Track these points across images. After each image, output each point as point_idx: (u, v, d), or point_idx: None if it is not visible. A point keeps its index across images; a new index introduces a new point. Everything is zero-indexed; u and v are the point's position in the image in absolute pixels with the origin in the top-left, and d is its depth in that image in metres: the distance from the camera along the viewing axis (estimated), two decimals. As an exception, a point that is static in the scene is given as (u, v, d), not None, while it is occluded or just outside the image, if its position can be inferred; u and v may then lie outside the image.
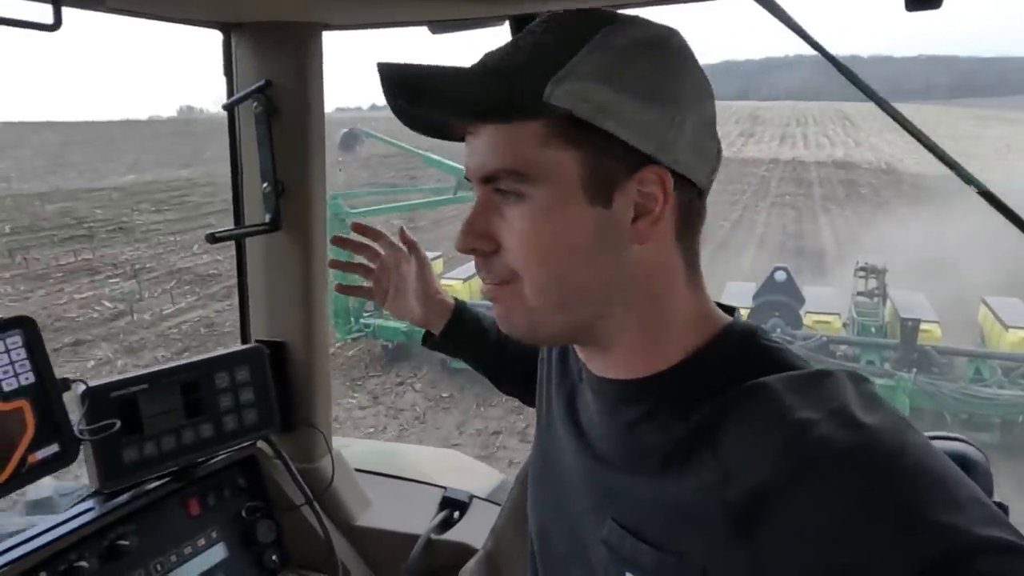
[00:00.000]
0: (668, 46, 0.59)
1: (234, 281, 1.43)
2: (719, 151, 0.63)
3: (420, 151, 8.25)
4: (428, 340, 1.06)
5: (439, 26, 1.29)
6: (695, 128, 0.59)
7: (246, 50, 1.25)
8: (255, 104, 1.22)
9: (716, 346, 0.61)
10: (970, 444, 0.77)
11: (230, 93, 1.28)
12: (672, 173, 0.58)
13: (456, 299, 1.04)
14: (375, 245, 1.05)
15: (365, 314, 7.92)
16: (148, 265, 12.89)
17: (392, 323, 7.80)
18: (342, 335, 7.92)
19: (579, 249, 0.58)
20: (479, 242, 0.62)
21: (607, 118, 0.55)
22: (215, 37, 1.27)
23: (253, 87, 1.21)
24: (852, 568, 0.46)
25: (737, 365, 0.59)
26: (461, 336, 1.03)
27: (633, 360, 0.63)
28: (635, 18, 0.60)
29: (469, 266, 9.05)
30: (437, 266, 9.31)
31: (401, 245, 1.04)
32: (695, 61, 0.61)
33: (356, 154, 7.98)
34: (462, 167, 0.66)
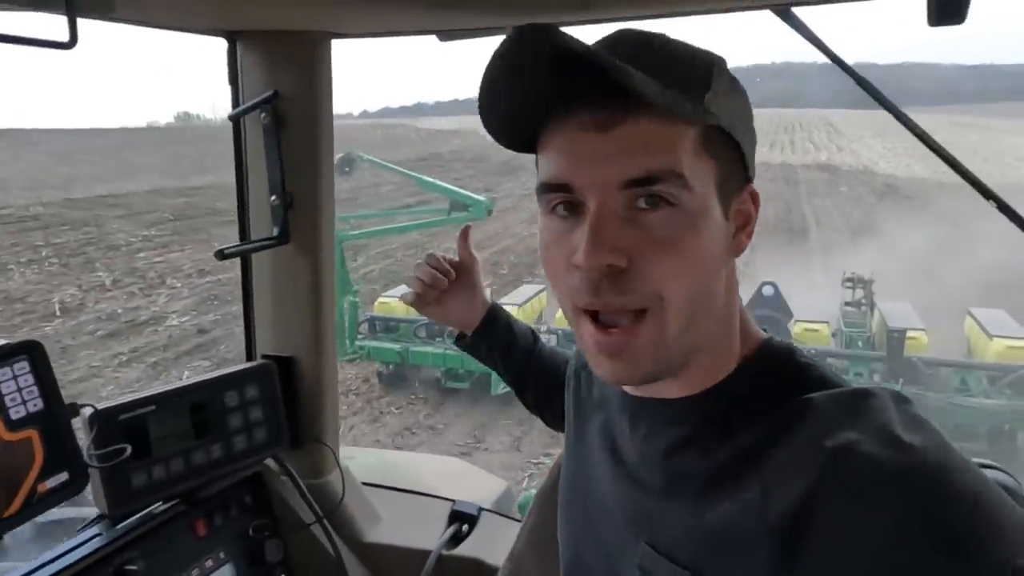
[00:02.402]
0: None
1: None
2: None
3: (414, 175, 8.15)
4: (461, 340, 1.05)
5: (448, 34, 1.27)
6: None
7: (252, 59, 1.21)
8: (262, 115, 1.19)
9: (759, 362, 0.61)
10: (1003, 471, 0.76)
11: (235, 103, 1.24)
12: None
13: (492, 301, 1.04)
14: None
15: (359, 336, 7.78)
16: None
17: (387, 345, 7.68)
18: (338, 358, 7.74)
19: (715, 261, 0.58)
20: (614, 256, 0.54)
21: (739, 134, 0.58)
22: (215, 46, 1.24)
23: (260, 98, 1.17)
24: None
25: (780, 383, 0.59)
26: (492, 339, 1.01)
27: (692, 378, 0.61)
28: None
29: (524, 290, 8.74)
30: None
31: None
32: None
33: (352, 178, 7.83)
34: (455, 189, 0.64)
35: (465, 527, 1.47)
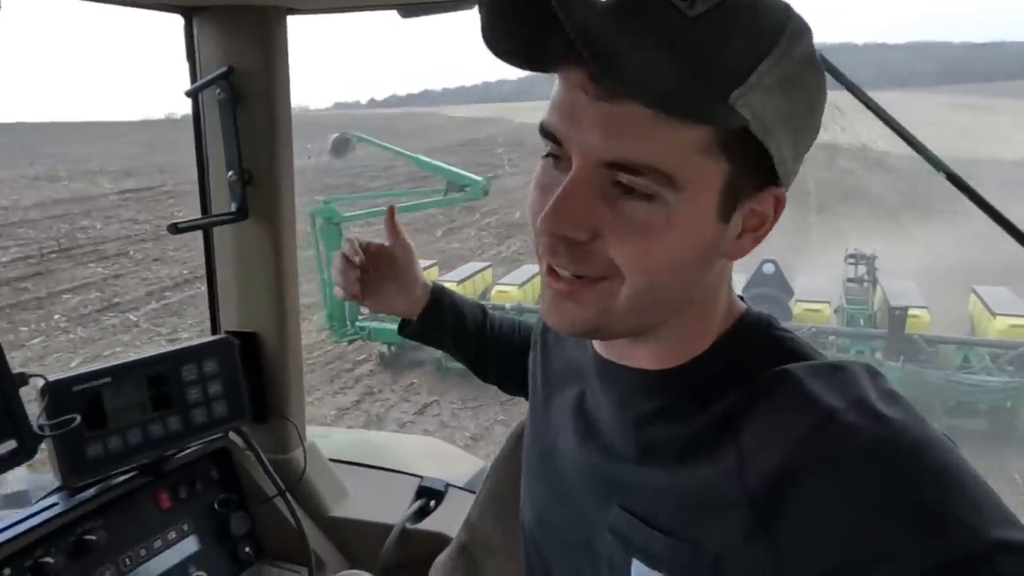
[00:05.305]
0: (821, 68, 0.54)
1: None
2: None
3: (412, 155, 8.17)
4: (404, 328, 0.99)
5: (408, 9, 1.26)
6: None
7: (208, 35, 1.21)
8: (218, 91, 1.19)
9: (737, 335, 0.61)
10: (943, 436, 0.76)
11: (193, 79, 1.25)
12: None
13: (433, 283, 0.98)
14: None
15: (360, 317, 7.73)
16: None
17: (388, 326, 7.54)
18: (337, 338, 7.72)
19: (687, 262, 0.54)
20: (574, 230, 0.52)
21: (770, 137, 0.51)
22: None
23: (215, 74, 1.18)
24: (870, 564, 0.46)
25: (757, 355, 0.58)
26: (440, 322, 0.96)
27: (667, 352, 0.61)
28: (807, 25, 0.52)
29: (525, 270, 8.68)
30: (432, 273, 9.18)
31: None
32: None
33: (348, 159, 7.91)
34: (453, 169, 0.61)
35: (432, 502, 1.48)
